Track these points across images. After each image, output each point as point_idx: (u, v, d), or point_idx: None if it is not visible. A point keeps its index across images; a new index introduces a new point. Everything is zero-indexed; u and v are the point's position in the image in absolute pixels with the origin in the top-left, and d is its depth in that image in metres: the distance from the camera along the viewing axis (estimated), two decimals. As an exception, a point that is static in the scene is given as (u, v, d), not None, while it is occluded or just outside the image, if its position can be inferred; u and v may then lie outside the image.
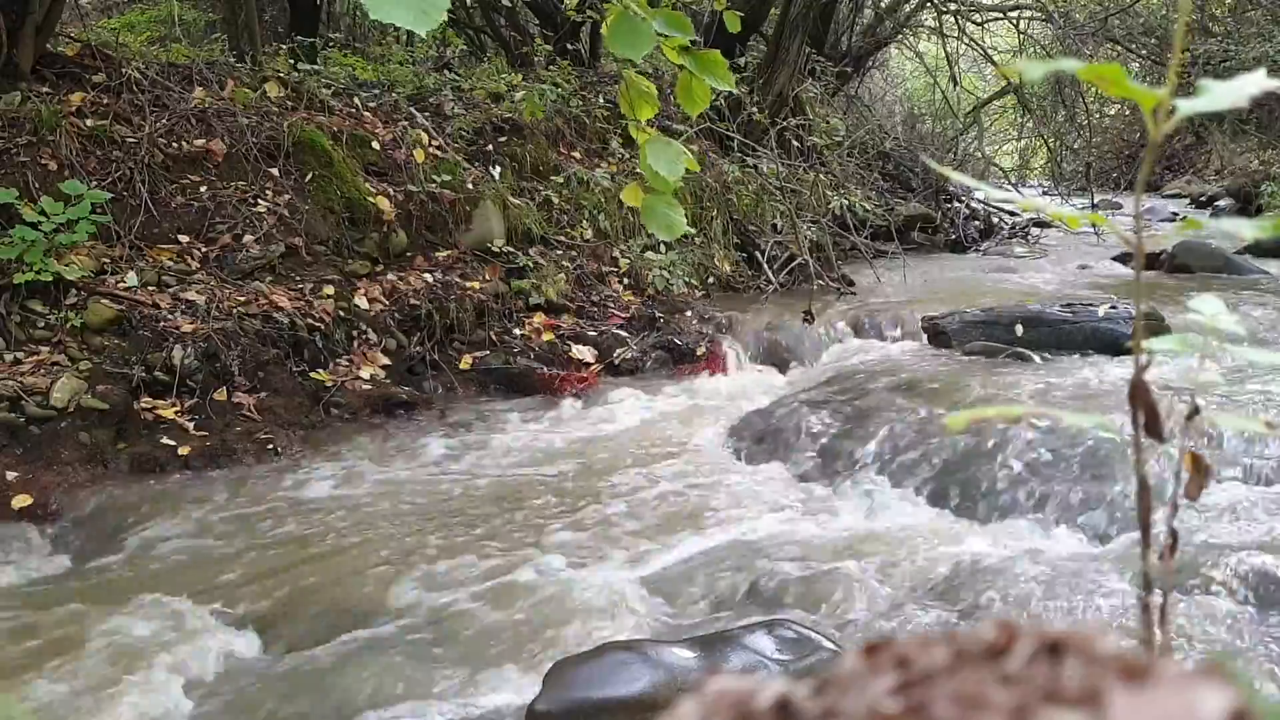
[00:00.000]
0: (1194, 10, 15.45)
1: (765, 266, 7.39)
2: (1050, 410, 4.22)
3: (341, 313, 5.06)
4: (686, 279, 6.67)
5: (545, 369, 5.30)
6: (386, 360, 5.07)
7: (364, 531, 3.50)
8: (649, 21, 1.69)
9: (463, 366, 5.27)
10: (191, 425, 4.24)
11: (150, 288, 4.67)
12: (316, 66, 6.77)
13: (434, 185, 5.99)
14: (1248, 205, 12.48)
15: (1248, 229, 0.55)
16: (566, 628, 2.79)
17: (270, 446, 4.27)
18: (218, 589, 3.10)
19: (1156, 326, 4.79)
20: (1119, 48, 14.03)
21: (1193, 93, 0.53)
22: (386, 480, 4.01)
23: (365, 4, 1.29)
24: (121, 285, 4.60)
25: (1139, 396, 0.55)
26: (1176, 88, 0.51)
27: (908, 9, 13.77)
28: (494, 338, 5.50)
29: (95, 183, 4.83)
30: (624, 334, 5.81)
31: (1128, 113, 17.14)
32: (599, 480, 3.98)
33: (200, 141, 5.35)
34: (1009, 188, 12.51)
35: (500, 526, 3.53)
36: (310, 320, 4.88)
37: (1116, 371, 4.80)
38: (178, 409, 4.28)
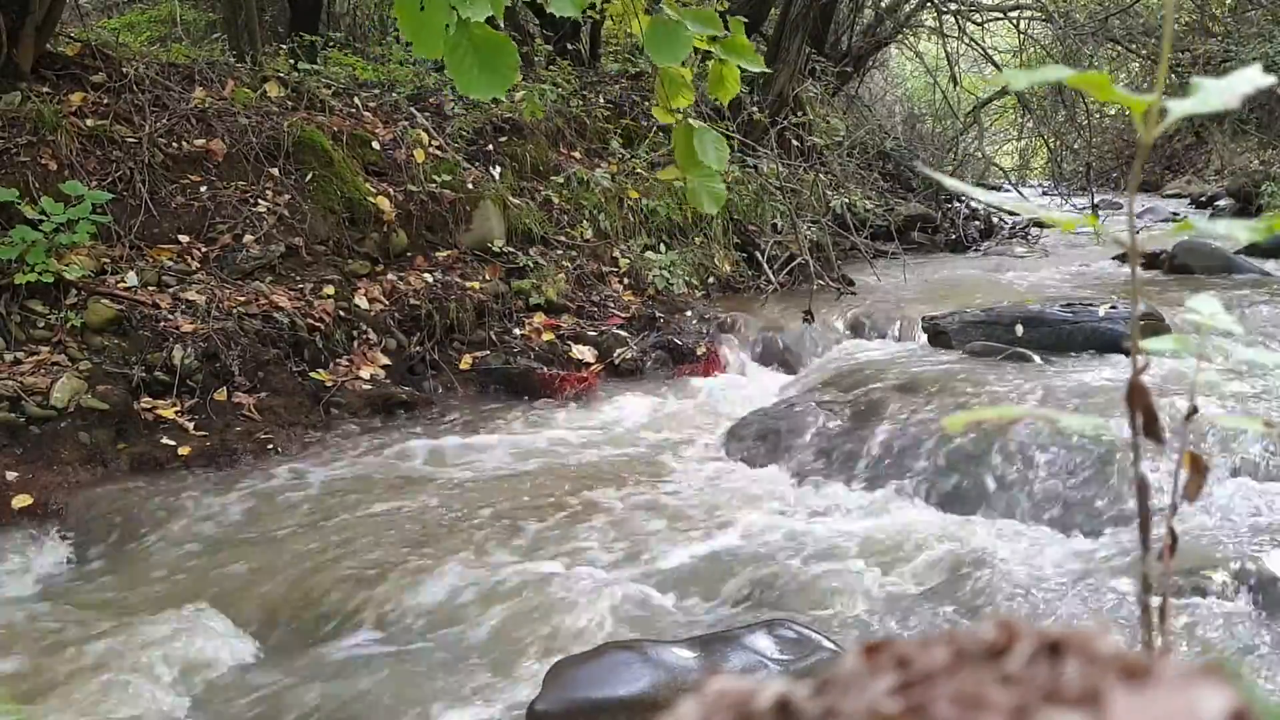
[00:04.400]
0: (1194, 10, 15.46)
1: (765, 266, 7.39)
2: (1049, 412, 4.21)
3: (341, 313, 5.06)
4: (686, 279, 6.67)
5: (545, 369, 5.30)
6: (386, 360, 5.07)
7: (365, 532, 3.50)
8: (683, 24, 1.74)
9: (463, 366, 5.27)
10: (191, 425, 4.24)
11: (150, 288, 4.67)
12: (316, 66, 6.77)
13: (434, 185, 5.99)
14: (1248, 205, 12.45)
15: (1241, 231, 0.55)
16: (566, 628, 2.79)
17: (270, 446, 4.27)
18: (217, 589, 3.11)
19: (1156, 326, 4.79)
20: (1119, 48, 14.02)
21: (1188, 92, 0.53)
22: (386, 481, 4.01)
23: (457, 84, 1.54)
24: (121, 285, 4.60)
25: (1136, 398, 0.55)
26: (1174, 88, 0.51)
27: (908, 9, 13.76)
28: (494, 338, 5.50)
29: (95, 183, 4.83)
30: (624, 334, 5.80)
31: (1128, 113, 17.10)
32: (599, 481, 3.98)
33: (200, 141, 5.35)
34: (1009, 188, 12.50)
35: (500, 527, 3.53)
36: (310, 320, 4.88)
37: (1117, 372, 4.80)
38: (178, 409, 4.28)
